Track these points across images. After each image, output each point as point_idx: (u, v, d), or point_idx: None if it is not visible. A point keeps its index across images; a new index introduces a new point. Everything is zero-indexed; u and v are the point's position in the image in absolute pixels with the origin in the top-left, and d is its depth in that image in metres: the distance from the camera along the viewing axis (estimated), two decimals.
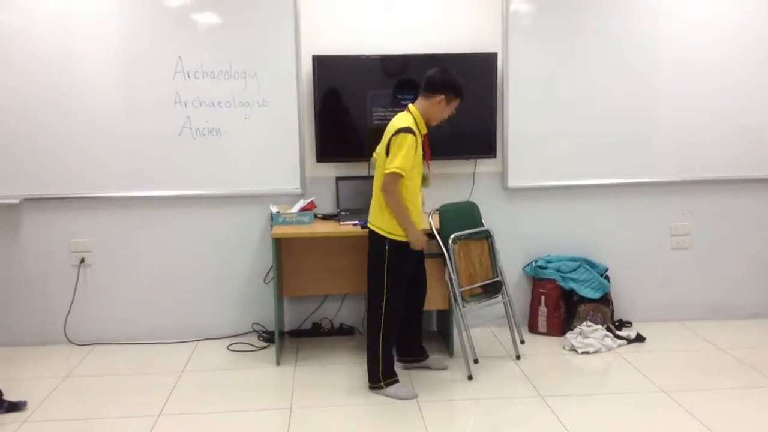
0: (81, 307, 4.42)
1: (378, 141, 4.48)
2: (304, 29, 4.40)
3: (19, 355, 4.32)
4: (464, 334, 3.92)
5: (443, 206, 4.13)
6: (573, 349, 4.28)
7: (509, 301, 4.26)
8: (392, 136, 3.50)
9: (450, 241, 3.97)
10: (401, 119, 3.58)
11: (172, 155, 4.37)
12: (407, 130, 3.49)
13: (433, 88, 3.58)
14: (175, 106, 4.36)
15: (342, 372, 4.01)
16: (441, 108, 3.62)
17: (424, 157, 3.68)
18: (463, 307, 3.95)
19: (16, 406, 3.55)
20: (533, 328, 4.61)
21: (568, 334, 4.42)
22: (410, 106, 3.65)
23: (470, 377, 3.89)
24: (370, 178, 4.48)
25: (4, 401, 3.55)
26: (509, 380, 3.88)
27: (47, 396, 3.72)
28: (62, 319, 4.44)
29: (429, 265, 4.04)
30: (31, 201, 4.38)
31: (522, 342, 4.25)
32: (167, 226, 4.49)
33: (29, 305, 4.46)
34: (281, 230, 4.07)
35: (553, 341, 4.46)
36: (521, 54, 4.54)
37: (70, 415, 3.51)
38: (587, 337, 4.33)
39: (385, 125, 4.51)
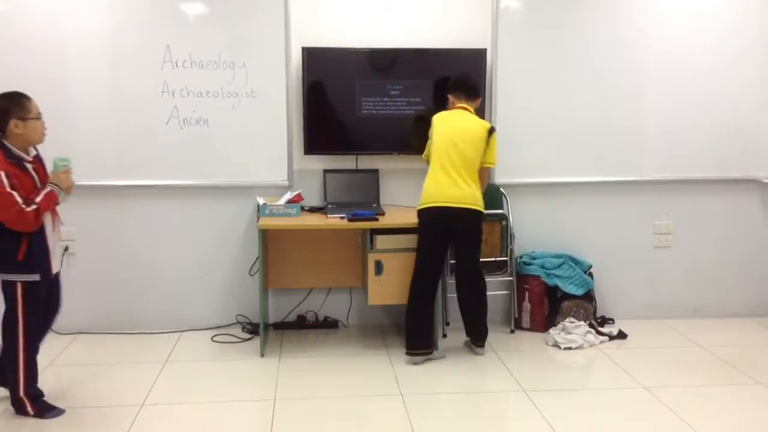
0: (64, 296, 4.38)
1: (367, 134, 4.54)
2: (294, 21, 4.38)
3: None
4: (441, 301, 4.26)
5: None
6: (556, 345, 4.31)
7: (513, 281, 4.57)
8: (491, 132, 3.97)
9: None
10: (479, 119, 4.06)
11: (159, 145, 4.34)
12: None
13: (477, 92, 4.10)
14: (163, 96, 4.33)
15: (326, 364, 4.01)
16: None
17: None
18: (450, 277, 4.34)
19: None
20: (518, 324, 4.64)
21: (551, 330, 4.45)
22: (469, 107, 4.05)
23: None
24: (358, 171, 4.53)
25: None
26: (491, 373, 3.91)
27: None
28: None
29: (414, 259, 4.07)
30: None
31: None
32: (152, 215, 4.46)
33: None
34: (268, 222, 4.06)
35: (537, 337, 4.49)
36: (510, 50, 4.56)
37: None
38: (570, 333, 4.36)
39: (375, 119, 4.57)
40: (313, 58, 4.36)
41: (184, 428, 3.28)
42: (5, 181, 3.07)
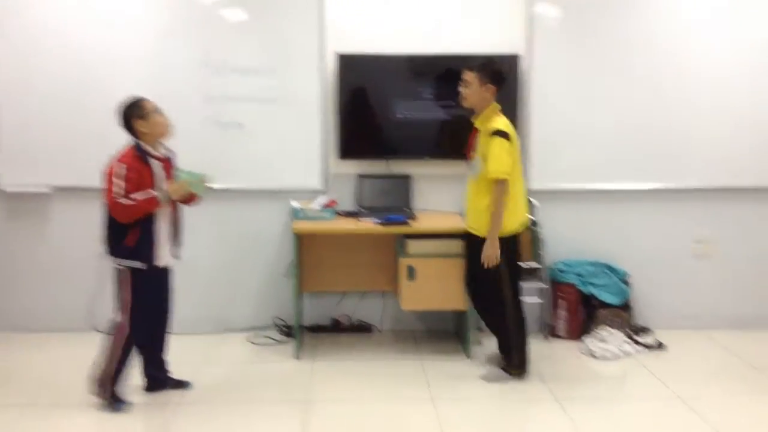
0: (106, 296, 4.50)
1: (400, 139, 4.57)
2: (329, 27, 4.45)
3: (42, 340, 4.43)
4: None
5: None
6: (591, 354, 4.27)
7: (544, 289, 4.52)
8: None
9: None
10: None
11: (198, 149, 4.40)
12: None
13: None
14: (201, 101, 4.43)
15: (359, 368, 4.04)
16: None
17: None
18: None
19: (181, 384, 3.72)
20: (552, 332, 4.60)
21: (587, 339, 4.40)
22: None
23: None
24: (391, 176, 4.57)
25: (171, 378, 3.71)
26: (525, 382, 3.88)
27: (69, 380, 3.80)
28: (86, 307, 4.53)
29: (447, 264, 4.08)
30: (60, 190, 4.49)
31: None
32: (190, 218, 4.54)
33: (55, 292, 4.58)
34: (302, 225, 4.12)
35: (572, 345, 4.45)
36: (546, 55, 4.53)
37: (92, 401, 3.57)
38: (606, 342, 4.31)
39: (408, 124, 4.58)
40: (348, 63, 4.42)
41: (219, 428, 3.34)
42: (120, 170, 3.31)
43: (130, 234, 3.37)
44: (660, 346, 4.39)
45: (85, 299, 4.51)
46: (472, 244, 3.86)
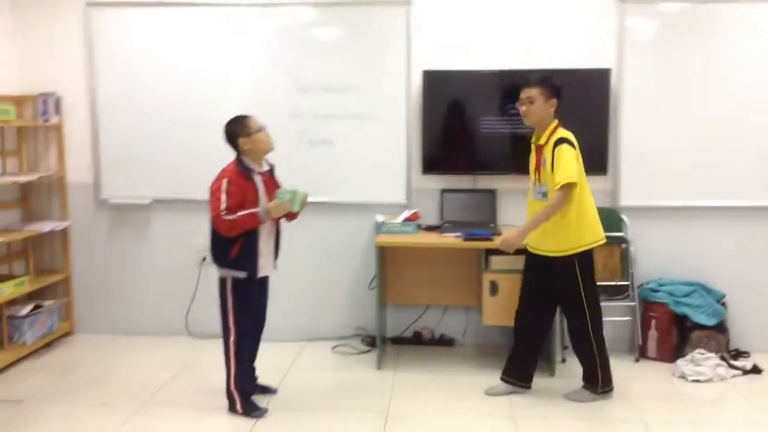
0: (201, 302, 4.72)
1: (485, 154, 4.57)
2: (415, 45, 4.52)
3: (140, 343, 4.68)
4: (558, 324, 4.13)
5: None
6: (683, 377, 4.11)
7: (635, 306, 4.42)
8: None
9: None
10: None
11: (288, 165, 4.54)
12: None
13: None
14: (291, 118, 4.60)
15: (440, 381, 4.05)
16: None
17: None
18: None
19: (267, 390, 3.87)
20: (643, 353, 4.45)
21: (679, 361, 4.23)
22: None
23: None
24: (475, 191, 4.57)
25: (258, 384, 3.85)
26: (611, 402, 3.79)
27: (166, 383, 4.02)
28: (184, 312, 4.77)
29: None
30: (160, 202, 4.76)
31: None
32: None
33: (154, 298, 4.83)
34: (385, 239, 4.18)
35: (663, 367, 4.29)
36: (636, 70, 4.44)
37: (189, 402, 3.77)
38: (699, 365, 4.14)
39: (493, 139, 4.57)
40: (433, 80, 4.46)
41: None
42: (224, 186, 3.46)
43: (234, 246, 3.51)
44: (757, 370, 4.17)
45: (181, 305, 4.76)
46: (540, 266, 3.74)
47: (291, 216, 3.71)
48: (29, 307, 4.43)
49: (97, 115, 4.72)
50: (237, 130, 3.58)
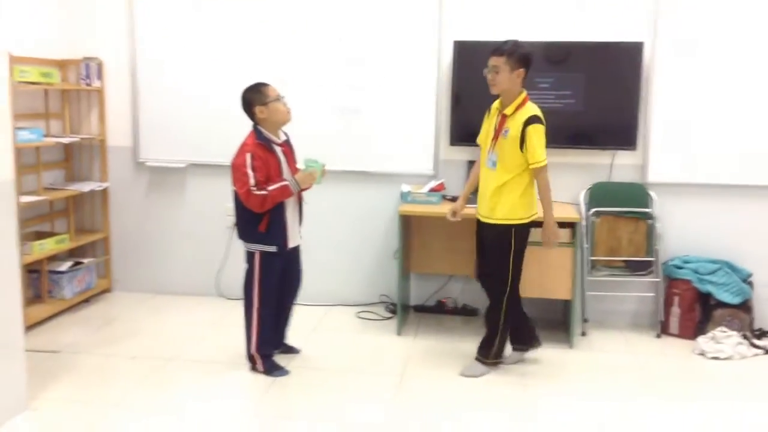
0: (232, 265, 4.86)
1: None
2: (446, 15, 4.53)
3: (173, 302, 4.87)
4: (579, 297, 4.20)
5: (596, 183, 4.54)
6: (702, 354, 4.11)
7: (659, 282, 4.43)
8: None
9: (589, 213, 4.46)
10: None
11: (317, 133, 4.63)
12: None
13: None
14: (321, 87, 4.67)
15: (458, 348, 4.12)
16: None
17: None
18: (590, 273, 4.41)
19: (291, 350, 4.01)
20: (664, 329, 4.45)
21: (700, 338, 4.23)
22: None
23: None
24: None
25: (283, 344, 3.99)
26: (626, 376, 3.82)
27: (194, 340, 4.20)
28: (215, 274, 4.94)
29: (553, 252, 4.06)
30: (194, 166, 4.91)
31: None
32: (308, 197, 4.80)
33: (187, 259, 5.01)
34: (408, 208, 4.25)
35: (684, 344, 4.29)
36: (669, 44, 4.38)
37: (214, 358, 3.94)
38: (720, 343, 4.12)
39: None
40: (464, 51, 4.47)
41: (319, 391, 3.57)
42: (248, 161, 3.49)
43: (262, 220, 3.56)
44: None
45: (213, 267, 4.92)
46: (485, 232, 3.75)
47: (309, 186, 3.74)
48: (69, 264, 4.65)
49: (137, 81, 4.88)
50: (254, 97, 3.58)
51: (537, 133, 3.52)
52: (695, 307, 4.38)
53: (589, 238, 4.46)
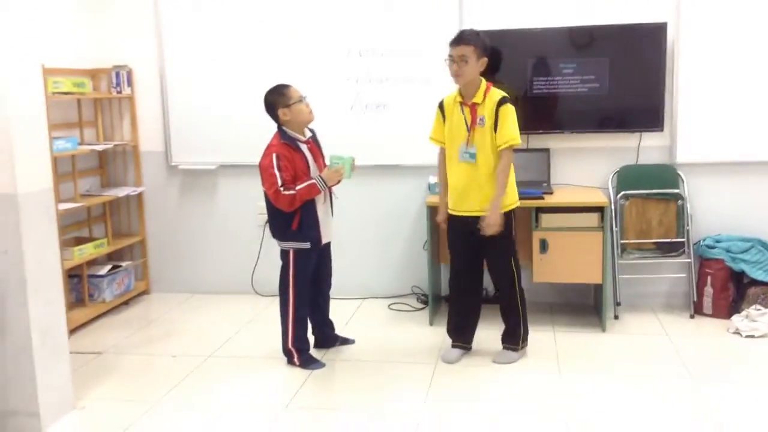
0: (266, 263, 4.94)
1: (538, 113, 4.59)
2: (466, 5, 4.55)
3: (210, 301, 4.99)
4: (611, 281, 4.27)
5: (624, 166, 4.52)
6: (737, 332, 4.08)
7: (691, 263, 4.42)
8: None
9: (618, 196, 4.47)
10: None
11: (344, 129, 4.70)
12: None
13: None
14: (347, 83, 4.73)
15: (490, 337, 4.11)
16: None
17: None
18: (621, 257, 4.44)
19: (346, 341, 4.12)
20: (698, 310, 4.43)
21: (734, 317, 4.20)
22: None
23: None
24: (529, 150, 4.60)
25: (338, 336, 4.12)
26: (661, 358, 3.82)
27: (231, 337, 4.30)
28: (249, 272, 5.03)
29: (581, 238, 4.08)
30: (225, 168, 5.01)
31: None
32: (338, 192, 4.87)
33: (222, 258, 5.12)
34: (436, 199, 4.28)
35: (718, 324, 4.28)
36: (695, 23, 4.34)
37: (251, 354, 4.03)
38: (754, 321, 4.10)
39: (546, 98, 4.56)
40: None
41: (355, 383, 3.65)
42: (274, 162, 3.56)
43: (294, 218, 3.63)
44: None
45: (247, 265, 5.02)
46: (470, 228, 3.65)
47: (338, 182, 3.80)
48: (108, 267, 4.79)
49: (166, 86, 4.99)
50: (277, 100, 3.63)
51: (511, 113, 3.53)
52: (728, 286, 4.36)
53: (618, 222, 4.46)
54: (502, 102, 3.54)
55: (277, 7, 4.77)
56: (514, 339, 3.85)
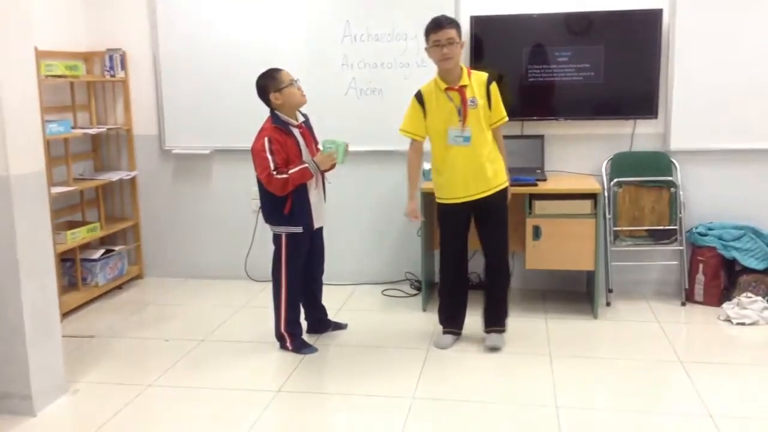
0: (259, 248, 4.95)
1: (533, 100, 4.59)
2: None
3: (203, 285, 5.00)
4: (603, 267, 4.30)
5: (617, 153, 4.51)
6: (728, 320, 4.11)
7: (683, 250, 4.43)
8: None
9: (611, 183, 4.47)
10: None
11: (339, 113, 4.70)
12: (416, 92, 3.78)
13: None
14: (342, 68, 4.72)
15: (476, 324, 4.12)
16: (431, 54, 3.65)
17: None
18: (613, 244, 4.44)
19: (339, 326, 4.14)
20: (689, 297, 4.46)
21: (725, 305, 4.23)
22: None
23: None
24: (523, 137, 4.60)
25: (331, 321, 4.13)
26: (653, 345, 3.84)
27: (224, 321, 4.31)
28: (243, 257, 5.04)
29: (574, 224, 4.10)
30: (219, 152, 5.01)
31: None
32: (330, 177, 4.87)
33: (216, 243, 5.13)
34: (430, 185, 4.28)
35: (709, 311, 4.30)
36: (690, 9, 4.33)
37: (244, 338, 4.04)
38: (745, 308, 4.12)
39: (541, 85, 4.55)
40: (481, 26, 4.48)
41: (347, 368, 3.66)
42: (267, 145, 3.56)
43: (286, 203, 3.64)
44: None
45: (241, 250, 5.02)
46: (484, 206, 3.72)
47: (332, 167, 3.80)
48: (101, 251, 4.78)
49: (160, 71, 4.96)
50: (268, 84, 3.63)
51: (497, 90, 3.67)
52: (720, 273, 4.38)
53: (611, 209, 4.47)
54: (489, 81, 3.65)
55: None
56: (501, 321, 3.89)
